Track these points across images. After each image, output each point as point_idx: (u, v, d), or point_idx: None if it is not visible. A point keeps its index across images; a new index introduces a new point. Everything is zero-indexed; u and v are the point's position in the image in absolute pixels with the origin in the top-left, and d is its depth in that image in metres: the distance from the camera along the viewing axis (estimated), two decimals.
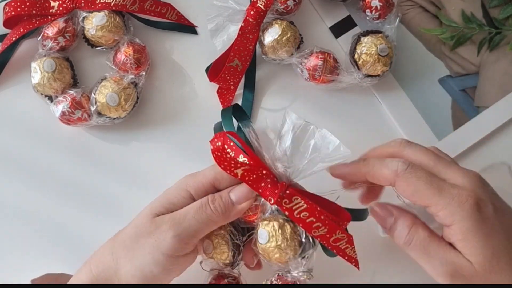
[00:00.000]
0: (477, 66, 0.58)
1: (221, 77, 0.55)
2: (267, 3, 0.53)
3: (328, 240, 0.41)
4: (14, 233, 0.53)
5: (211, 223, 0.42)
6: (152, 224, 0.41)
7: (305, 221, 0.40)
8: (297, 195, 0.41)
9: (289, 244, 0.41)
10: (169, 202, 0.43)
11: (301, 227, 0.41)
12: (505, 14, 0.58)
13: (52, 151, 0.55)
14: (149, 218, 0.42)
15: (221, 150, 0.41)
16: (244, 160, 0.40)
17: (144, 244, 0.41)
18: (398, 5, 0.57)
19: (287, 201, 0.41)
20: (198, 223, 0.41)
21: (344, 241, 0.41)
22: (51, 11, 0.54)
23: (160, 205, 0.43)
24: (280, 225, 0.41)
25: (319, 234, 0.41)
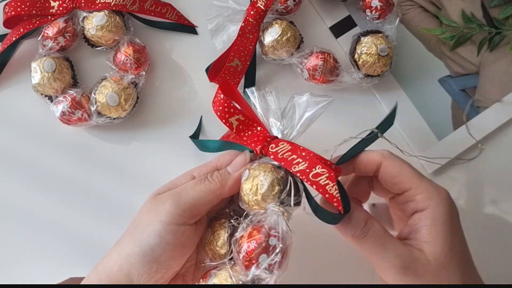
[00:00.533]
0: (477, 66, 0.58)
1: (221, 77, 0.55)
2: (267, 3, 0.53)
3: (308, 175, 0.40)
4: (13, 232, 0.53)
5: (209, 191, 0.42)
6: (152, 201, 0.42)
7: (287, 159, 0.40)
8: (284, 141, 0.42)
9: (266, 178, 0.40)
10: (171, 184, 0.44)
11: (283, 165, 0.41)
12: (505, 14, 0.58)
13: (52, 151, 0.55)
14: (151, 198, 0.43)
15: (220, 98, 0.43)
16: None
17: (143, 219, 0.41)
18: (398, 5, 0.57)
19: (274, 145, 0.42)
20: (196, 192, 0.41)
21: (324, 176, 0.40)
22: (51, 11, 0.54)
23: (163, 187, 0.44)
24: (260, 164, 0.41)
25: (298, 170, 0.40)
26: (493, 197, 0.56)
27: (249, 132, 0.44)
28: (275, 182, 0.40)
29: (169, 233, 0.40)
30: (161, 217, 0.40)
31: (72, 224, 0.53)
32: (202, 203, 0.41)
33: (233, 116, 0.44)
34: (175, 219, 0.40)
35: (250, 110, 0.45)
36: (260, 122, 0.44)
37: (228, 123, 0.44)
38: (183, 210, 0.41)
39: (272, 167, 0.41)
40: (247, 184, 0.41)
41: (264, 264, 0.37)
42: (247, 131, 0.44)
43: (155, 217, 0.40)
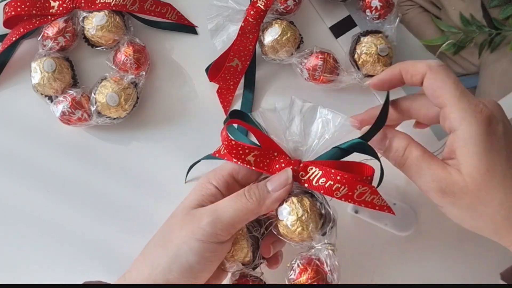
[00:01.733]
0: (477, 66, 0.58)
1: (221, 77, 0.55)
2: (267, 3, 0.53)
3: (353, 197, 0.40)
4: (13, 232, 0.53)
5: (246, 211, 0.41)
6: (187, 216, 0.42)
7: (324, 186, 0.41)
8: (311, 165, 0.41)
9: (309, 216, 0.41)
10: (198, 195, 0.43)
11: (323, 193, 0.41)
12: (505, 15, 0.58)
13: (52, 151, 0.55)
14: (185, 212, 0.42)
15: (228, 140, 0.42)
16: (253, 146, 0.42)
17: (178, 235, 0.41)
18: (398, 5, 0.57)
19: (303, 173, 0.42)
20: (233, 210, 0.41)
21: (368, 193, 0.40)
22: (51, 11, 0.54)
23: (191, 200, 0.43)
24: (298, 200, 0.41)
25: (341, 195, 0.40)
26: None
27: (267, 161, 0.42)
28: (317, 217, 0.41)
29: (208, 251, 0.40)
30: (198, 235, 0.40)
31: (72, 224, 0.53)
32: (239, 222, 0.41)
33: (249, 155, 0.42)
34: (214, 238, 0.40)
35: (263, 136, 0.43)
36: (276, 146, 0.43)
37: (246, 162, 0.42)
38: (221, 229, 0.40)
39: (310, 200, 0.41)
40: (286, 220, 0.41)
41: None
42: (265, 161, 0.43)
43: (192, 235, 0.40)
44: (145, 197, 0.54)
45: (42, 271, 0.53)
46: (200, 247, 0.40)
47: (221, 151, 0.45)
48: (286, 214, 0.41)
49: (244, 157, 0.42)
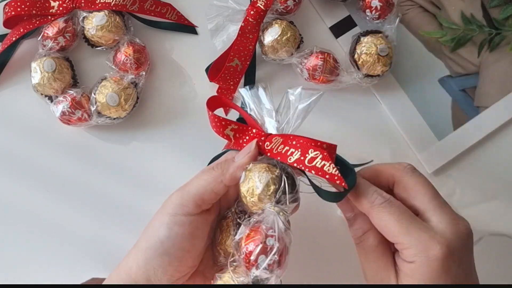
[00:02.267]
0: (477, 66, 0.58)
1: (221, 77, 0.55)
2: (267, 3, 0.53)
3: (304, 162, 0.40)
4: (12, 232, 0.53)
5: (212, 180, 0.42)
6: (164, 203, 0.43)
7: (281, 153, 0.41)
8: (277, 136, 0.42)
9: (261, 181, 0.40)
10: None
11: (279, 160, 0.41)
12: (505, 15, 0.58)
13: (52, 151, 0.55)
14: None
15: (210, 115, 0.44)
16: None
17: (155, 217, 0.42)
18: (398, 5, 0.57)
19: (268, 143, 0.42)
20: (199, 180, 0.42)
21: (319, 159, 0.39)
22: (51, 11, 0.54)
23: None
24: (254, 165, 0.41)
25: (294, 160, 0.40)
26: (493, 197, 0.56)
27: (246, 138, 0.44)
28: (270, 182, 0.40)
29: (176, 224, 0.41)
30: (168, 209, 0.41)
31: (72, 224, 0.53)
32: (206, 192, 0.42)
33: (227, 128, 0.44)
34: (181, 209, 0.41)
35: (245, 114, 0.45)
36: (254, 124, 0.44)
37: (225, 136, 0.45)
38: (187, 200, 0.41)
39: (267, 167, 0.41)
40: (244, 187, 0.41)
41: (263, 264, 0.37)
42: (244, 137, 0.44)
43: (163, 211, 0.42)
44: (145, 197, 0.54)
45: (42, 271, 0.53)
46: (169, 220, 0.41)
47: (230, 145, 0.45)
48: (243, 178, 0.41)
49: (223, 130, 0.44)
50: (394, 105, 0.57)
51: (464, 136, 0.56)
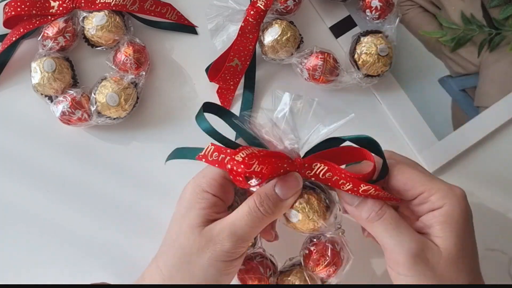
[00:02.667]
0: (477, 66, 0.58)
1: (221, 77, 0.55)
2: (267, 3, 0.53)
3: (358, 192, 0.41)
4: (12, 232, 0.53)
5: (263, 223, 0.41)
6: (202, 239, 0.40)
7: (332, 179, 0.41)
8: (315, 161, 0.42)
9: (319, 214, 0.42)
10: (200, 210, 0.42)
11: (330, 185, 0.42)
12: (505, 15, 0.58)
13: (52, 151, 0.55)
14: (196, 233, 0.41)
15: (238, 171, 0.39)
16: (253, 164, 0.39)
17: (199, 260, 0.40)
18: (398, 5, 0.57)
19: (309, 171, 0.42)
20: (251, 228, 0.41)
21: (372, 190, 0.41)
22: (51, 11, 0.54)
23: (194, 216, 0.41)
24: (305, 201, 0.42)
25: (347, 189, 0.41)
26: (493, 197, 0.56)
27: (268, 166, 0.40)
28: (320, 205, 0.42)
29: (233, 266, 0.41)
30: (223, 257, 0.40)
31: (72, 224, 0.53)
32: (256, 233, 0.42)
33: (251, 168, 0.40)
34: (237, 254, 0.41)
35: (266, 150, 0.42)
36: (275, 153, 0.41)
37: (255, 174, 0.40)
38: (242, 246, 0.41)
39: (317, 200, 0.42)
40: (298, 221, 0.42)
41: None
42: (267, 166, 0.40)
43: (217, 258, 0.40)
44: (145, 197, 0.54)
45: (42, 271, 0.53)
46: (227, 266, 0.41)
47: (208, 157, 0.42)
48: (296, 217, 0.42)
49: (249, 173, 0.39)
50: (394, 105, 0.57)
51: (464, 136, 0.56)
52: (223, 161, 0.41)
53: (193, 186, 0.43)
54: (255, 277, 0.44)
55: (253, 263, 0.44)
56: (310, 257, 0.44)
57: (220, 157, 0.41)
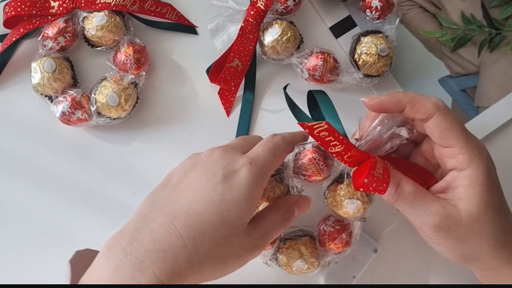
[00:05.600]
0: (477, 66, 0.58)
1: (222, 77, 0.55)
2: (267, 3, 0.53)
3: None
4: (12, 232, 0.53)
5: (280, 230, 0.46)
6: (246, 236, 0.41)
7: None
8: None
9: (366, 209, 0.47)
10: (252, 205, 0.42)
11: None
12: (505, 15, 0.58)
13: (52, 151, 0.55)
14: (243, 229, 0.41)
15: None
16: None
17: (236, 254, 0.41)
18: (398, 5, 0.57)
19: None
20: (276, 235, 0.44)
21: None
22: (51, 11, 0.54)
23: (248, 212, 0.41)
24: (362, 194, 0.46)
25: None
26: None
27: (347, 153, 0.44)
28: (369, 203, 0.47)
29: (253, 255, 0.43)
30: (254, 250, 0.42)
31: (72, 225, 0.53)
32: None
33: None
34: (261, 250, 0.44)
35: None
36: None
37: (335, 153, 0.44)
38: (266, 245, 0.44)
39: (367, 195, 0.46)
40: (353, 211, 0.46)
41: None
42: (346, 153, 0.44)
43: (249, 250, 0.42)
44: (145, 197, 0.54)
45: (42, 271, 0.53)
46: (254, 256, 0.43)
47: (314, 131, 0.42)
48: (353, 207, 0.46)
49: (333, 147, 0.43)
50: None
51: None
52: (329, 142, 0.42)
53: (255, 175, 0.41)
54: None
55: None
56: (332, 235, 0.48)
57: (327, 138, 0.42)
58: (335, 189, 0.47)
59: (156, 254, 0.37)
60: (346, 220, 0.49)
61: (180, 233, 0.38)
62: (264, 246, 0.43)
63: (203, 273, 0.39)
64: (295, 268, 0.48)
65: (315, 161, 0.45)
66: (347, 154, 0.43)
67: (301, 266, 0.48)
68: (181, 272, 0.37)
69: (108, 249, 0.38)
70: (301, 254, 0.48)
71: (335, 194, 0.47)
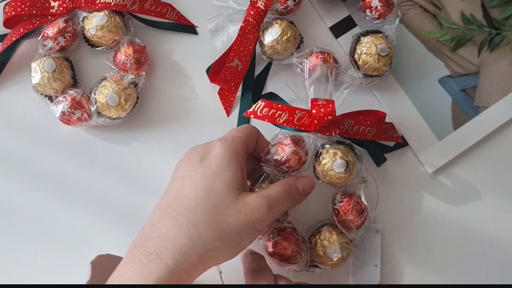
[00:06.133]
0: (477, 66, 0.58)
1: (222, 77, 0.55)
2: (267, 3, 0.53)
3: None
4: (12, 232, 0.53)
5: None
6: (239, 202, 0.42)
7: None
8: (346, 118, 0.50)
9: (355, 166, 0.48)
10: (237, 172, 0.43)
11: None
12: (505, 14, 0.58)
13: (52, 151, 0.55)
14: (233, 195, 0.42)
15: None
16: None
17: (233, 222, 0.42)
18: (398, 5, 0.57)
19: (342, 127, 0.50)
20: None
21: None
22: (51, 11, 0.54)
23: (232, 177, 0.43)
24: (344, 152, 0.48)
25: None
26: (493, 197, 0.56)
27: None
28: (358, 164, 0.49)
29: (255, 234, 0.44)
30: (258, 226, 0.43)
31: (72, 224, 0.53)
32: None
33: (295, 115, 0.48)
34: (265, 226, 0.45)
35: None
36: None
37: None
38: (272, 219, 0.46)
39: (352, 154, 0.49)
40: (342, 173, 0.48)
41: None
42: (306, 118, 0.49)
43: (252, 225, 0.43)
44: (145, 197, 0.54)
45: (41, 271, 0.53)
46: (255, 233, 0.44)
47: (257, 112, 0.48)
48: (341, 167, 0.47)
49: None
50: (394, 105, 0.57)
51: (464, 136, 0.56)
52: (273, 115, 0.47)
53: (227, 147, 0.44)
54: (293, 242, 0.48)
55: (286, 232, 0.49)
56: (345, 208, 0.49)
57: (270, 112, 0.47)
58: (319, 163, 0.48)
59: (158, 239, 0.41)
60: (350, 189, 0.50)
61: (174, 216, 0.41)
62: (266, 211, 0.43)
63: (208, 248, 0.41)
64: (335, 259, 0.49)
65: (287, 146, 0.47)
66: (295, 117, 0.46)
67: (335, 253, 0.49)
68: (184, 249, 0.40)
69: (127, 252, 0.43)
70: (329, 241, 0.49)
71: (321, 167, 0.48)
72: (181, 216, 0.41)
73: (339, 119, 0.48)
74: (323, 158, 0.48)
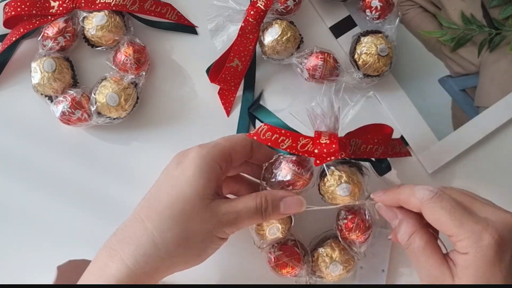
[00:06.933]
0: (477, 66, 0.58)
1: (222, 77, 0.55)
2: (267, 3, 0.53)
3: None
4: (12, 232, 0.53)
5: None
6: (207, 211, 0.42)
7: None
8: (354, 138, 0.47)
9: (361, 190, 0.47)
10: (210, 180, 0.43)
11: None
12: (505, 14, 0.58)
13: (52, 151, 0.55)
14: (204, 204, 0.42)
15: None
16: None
17: (199, 229, 0.42)
18: (398, 5, 0.57)
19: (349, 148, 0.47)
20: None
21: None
22: (51, 11, 0.54)
23: (204, 186, 0.42)
24: (352, 173, 0.47)
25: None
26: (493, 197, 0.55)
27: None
28: (363, 186, 0.47)
29: (219, 243, 0.44)
30: (221, 235, 0.43)
31: (72, 224, 0.53)
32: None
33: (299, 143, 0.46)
34: (228, 235, 0.44)
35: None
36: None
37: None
38: (236, 231, 0.45)
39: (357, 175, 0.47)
40: (346, 196, 0.46)
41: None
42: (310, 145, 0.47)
43: (215, 233, 0.43)
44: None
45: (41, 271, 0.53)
46: (219, 242, 0.44)
47: (260, 135, 0.46)
48: (345, 191, 0.46)
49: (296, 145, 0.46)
50: (394, 105, 0.57)
51: (464, 136, 0.56)
52: (277, 140, 0.45)
53: (203, 154, 0.43)
54: (294, 258, 0.48)
55: (288, 246, 0.49)
56: (348, 226, 0.48)
57: (273, 137, 0.45)
58: (323, 184, 0.47)
59: (124, 241, 0.42)
60: (355, 206, 0.49)
61: (143, 219, 0.42)
62: (230, 226, 0.43)
63: (172, 254, 0.41)
64: (334, 274, 0.49)
65: (291, 169, 0.46)
66: (299, 144, 0.45)
67: (336, 269, 0.49)
68: (147, 253, 0.40)
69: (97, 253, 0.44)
70: (331, 258, 0.49)
71: (325, 188, 0.47)
72: (149, 220, 0.42)
73: (345, 142, 0.46)
74: (328, 180, 0.47)
